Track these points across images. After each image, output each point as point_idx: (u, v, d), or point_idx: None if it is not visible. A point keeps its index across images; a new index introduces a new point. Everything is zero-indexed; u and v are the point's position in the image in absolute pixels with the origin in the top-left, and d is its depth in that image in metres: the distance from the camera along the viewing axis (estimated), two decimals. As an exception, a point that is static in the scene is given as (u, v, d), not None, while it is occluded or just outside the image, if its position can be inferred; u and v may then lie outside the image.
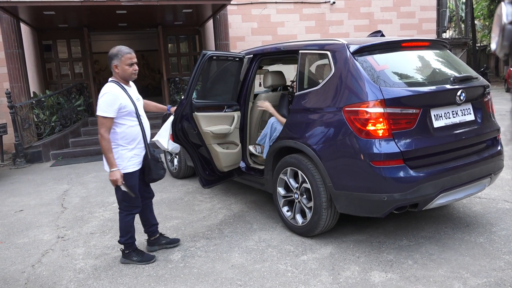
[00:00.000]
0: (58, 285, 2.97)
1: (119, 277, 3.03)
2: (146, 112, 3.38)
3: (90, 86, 10.60)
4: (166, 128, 3.87)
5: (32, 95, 8.74)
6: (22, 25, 8.74)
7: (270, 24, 11.18)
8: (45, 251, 3.60)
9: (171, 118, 3.75)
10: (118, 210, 3.23)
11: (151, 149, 3.21)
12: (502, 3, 0.71)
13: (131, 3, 7.71)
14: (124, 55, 3.01)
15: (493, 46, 0.74)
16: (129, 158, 3.05)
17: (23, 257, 3.50)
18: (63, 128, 8.86)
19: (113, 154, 2.98)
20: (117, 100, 2.94)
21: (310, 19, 11.46)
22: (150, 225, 3.44)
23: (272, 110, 4.07)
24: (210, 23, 10.32)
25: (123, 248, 3.26)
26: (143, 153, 3.16)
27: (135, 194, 3.11)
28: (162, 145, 3.80)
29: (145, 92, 16.64)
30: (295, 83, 4.02)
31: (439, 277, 2.76)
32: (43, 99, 8.65)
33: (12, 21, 8.05)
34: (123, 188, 3.01)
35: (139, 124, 3.09)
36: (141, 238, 3.61)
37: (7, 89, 7.96)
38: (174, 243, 3.53)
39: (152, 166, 3.17)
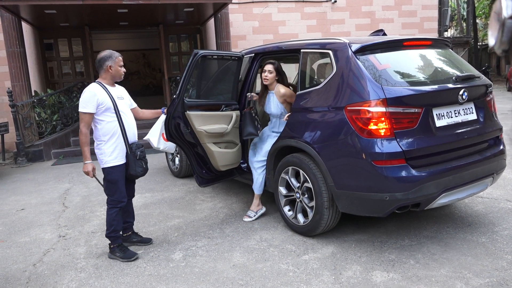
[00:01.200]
0: (60, 284, 2.97)
1: (120, 276, 3.03)
2: (145, 120, 3.62)
3: (91, 85, 10.59)
4: (157, 127, 3.89)
5: (33, 94, 8.73)
6: (24, 24, 8.74)
7: (271, 23, 11.16)
8: (47, 250, 3.60)
9: (162, 117, 3.77)
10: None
11: (134, 145, 3.31)
12: None
13: (133, 2, 7.69)
14: (117, 57, 3.28)
15: (491, 42, 0.72)
16: (110, 153, 3.22)
17: (25, 256, 3.50)
18: (65, 127, 8.86)
19: (99, 150, 3.24)
20: (94, 96, 3.14)
21: (311, 18, 11.44)
22: (124, 221, 3.50)
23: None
24: (211, 22, 10.30)
25: (109, 243, 3.35)
26: (125, 148, 3.28)
27: (115, 189, 3.26)
28: (152, 144, 3.85)
29: (146, 91, 16.74)
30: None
31: (441, 277, 2.75)
32: (44, 98, 8.65)
33: (13, 20, 8.04)
34: (97, 180, 3.35)
35: (118, 120, 3.23)
36: (148, 229, 3.60)
37: (9, 88, 7.96)
38: (145, 242, 3.59)
39: (130, 162, 3.29)
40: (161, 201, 4.78)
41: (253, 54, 4.35)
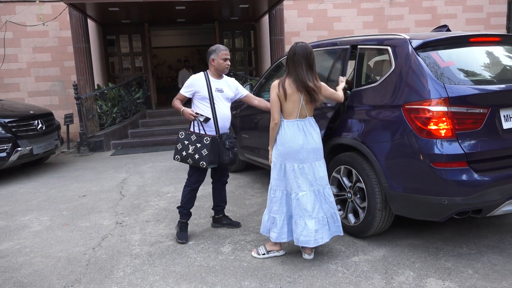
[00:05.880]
0: (116, 268, 3.12)
1: (171, 265, 3.13)
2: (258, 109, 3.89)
3: (149, 79, 11.01)
4: None
5: (96, 87, 9.24)
6: (89, 21, 9.25)
7: (326, 19, 10.97)
8: (105, 235, 3.80)
9: None
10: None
11: (224, 135, 3.53)
12: None
13: (190, -1, 7.89)
14: (221, 51, 3.51)
15: None
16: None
17: (85, 239, 3.72)
18: (123, 120, 9.30)
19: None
20: (193, 85, 3.51)
21: (368, 13, 11.11)
22: (216, 204, 3.88)
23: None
24: (265, 18, 10.32)
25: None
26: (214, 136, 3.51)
27: (193, 171, 3.58)
28: None
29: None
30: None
31: (503, 290, 2.58)
32: (106, 91, 9.12)
33: (80, 17, 8.54)
34: (200, 118, 3.46)
35: (212, 110, 3.47)
36: (198, 221, 3.69)
37: (74, 81, 8.48)
38: (234, 225, 3.85)
39: (220, 151, 3.49)
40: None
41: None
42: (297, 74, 2.92)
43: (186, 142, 3.45)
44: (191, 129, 3.51)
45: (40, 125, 6.60)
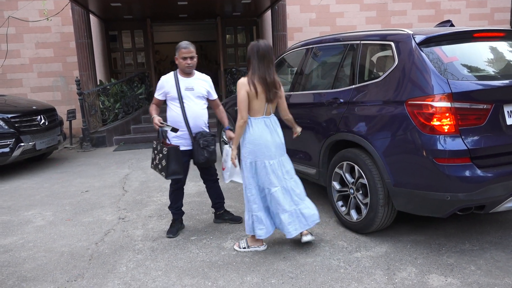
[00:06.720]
0: (119, 263, 3.13)
1: (174, 260, 3.14)
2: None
3: (151, 75, 11.00)
4: (230, 164, 3.33)
5: (98, 83, 9.24)
6: (91, 17, 9.24)
7: (329, 14, 10.92)
8: (108, 230, 3.81)
9: (228, 150, 3.42)
10: None
11: (198, 135, 3.48)
12: None
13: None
14: (180, 50, 3.41)
15: None
16: (171, 138, 3.46)
17: (88, 235, 3.73)
18: (126, 115, 9.30)
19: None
20: (162, 86, 3.49)
21: (371, 9, 11.05)
22: (214, 202, 3.88)
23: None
24: (268, 14, 10.29)
25: None
26: (188, 136, 3.48)
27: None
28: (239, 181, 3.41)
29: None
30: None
31: (506, 286, 2.57)
32: (108, 87, 9.12)
33: (82, 13, 8.54)
34: (166, 128, 3.38)
35: (181, 109, 3.43)
36: (201, 216, 3.70)
37: (77, 77, 8.49)
38: (236, 220, 3.83)
39: (194, 150, 3.50)
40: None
41: (310, 46, 4.28)
42: (260, 70, 2.98)
43: (155, 152, 3.48)
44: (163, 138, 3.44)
45: (43, 121, 6.61)
